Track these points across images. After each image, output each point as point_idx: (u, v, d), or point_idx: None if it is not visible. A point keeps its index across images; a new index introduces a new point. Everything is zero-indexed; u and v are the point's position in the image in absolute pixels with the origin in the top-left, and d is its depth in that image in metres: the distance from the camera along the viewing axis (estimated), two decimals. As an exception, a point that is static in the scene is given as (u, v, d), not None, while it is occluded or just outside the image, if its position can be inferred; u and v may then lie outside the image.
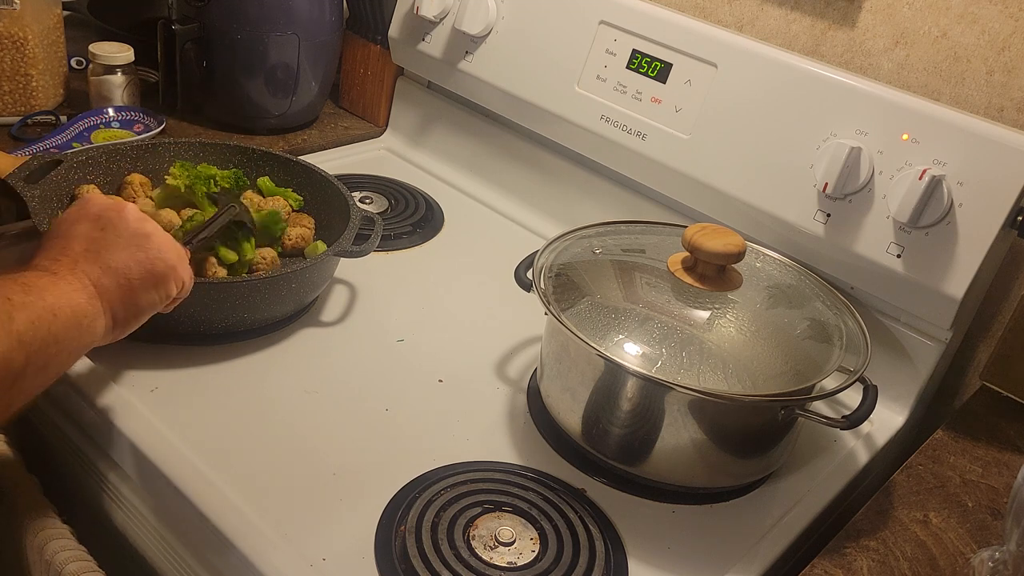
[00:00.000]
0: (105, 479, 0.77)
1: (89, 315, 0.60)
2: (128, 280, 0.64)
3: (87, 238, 0.64)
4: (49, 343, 0.55)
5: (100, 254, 0.63)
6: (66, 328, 0.57)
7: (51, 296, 0.57)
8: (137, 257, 0.65)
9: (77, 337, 0.59)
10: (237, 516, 0.66)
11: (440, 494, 0.70)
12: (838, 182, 0.82)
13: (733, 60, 0.90)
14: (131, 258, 0.64)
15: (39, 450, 0.83)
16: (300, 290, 0.84)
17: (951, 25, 0.87)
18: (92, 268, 0.62)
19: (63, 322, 0.57)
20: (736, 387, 0.69)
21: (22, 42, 1.08)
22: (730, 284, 0.77)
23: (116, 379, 0.76)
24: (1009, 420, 0.83)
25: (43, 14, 1.11)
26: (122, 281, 0.63)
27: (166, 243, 0.68)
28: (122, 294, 0.63)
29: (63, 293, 0.58)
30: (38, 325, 0.54)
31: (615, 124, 0.98)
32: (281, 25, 1.12)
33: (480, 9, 1.06)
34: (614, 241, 0.86)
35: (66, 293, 0.58)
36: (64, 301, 0.58)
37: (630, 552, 0.69)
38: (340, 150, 1.23)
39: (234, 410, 0.76)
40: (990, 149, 0.77)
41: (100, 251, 0.63)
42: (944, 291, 0.80)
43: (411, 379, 0.83)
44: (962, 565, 0.67)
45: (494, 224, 1.12)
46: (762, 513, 0.75)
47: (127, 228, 0.66)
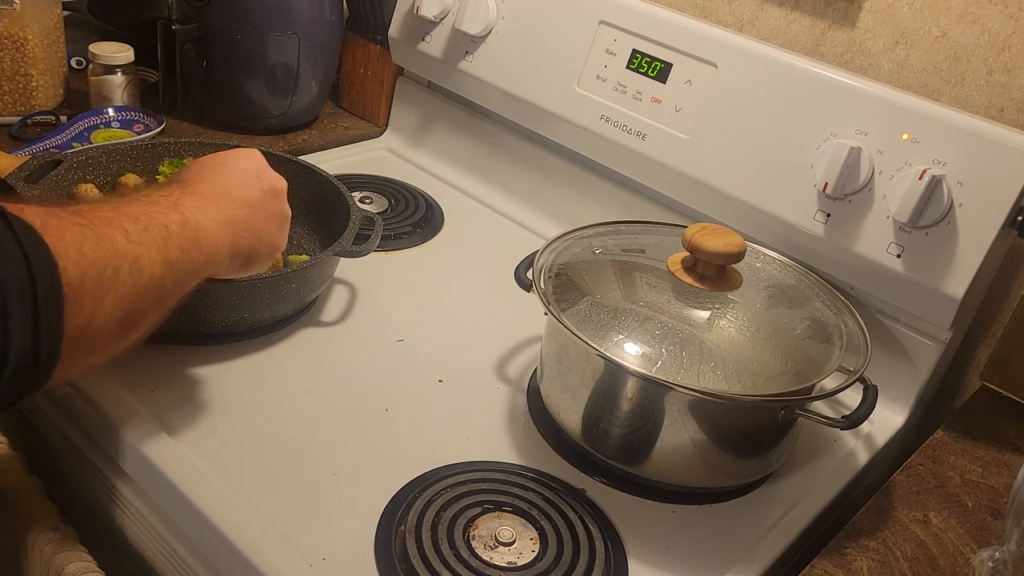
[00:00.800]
0: (106, 480, 0.77)
1: (223, 255, 0.64)
2: (259, 243, 0.69)
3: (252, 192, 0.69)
4: (191, 272, 0.60)
5: (255, 211, 0.69)
6: (205, 260, 0.62)
7: (203, 231, 0.61)
8: (273, 231, 0.71)
9: (207, 268, 0.63)
10: (237, 516, 0.66)
11: (440, 494, 0.70)
12: (838, 182, 0.82)
13: (733, 60, 0.90)
14: (269, 229, 0.71)
15: (40, 451, 0.83)
16: (300, 290, 0.84)
17: (951, 25, 0.87)
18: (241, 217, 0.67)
19: (204, 256, 0.61)
20: (736, 387, 0.69)
21: (22, 42, 1.08)
22: (730, 284, 0.77)
23: (116, 379, 0.76)
24: (1009, 420, 0.83)
25: (43, 14, 1.11)
26: (255, 242, 0.69)
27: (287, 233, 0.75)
28: (248, 251, 0.68)
29: (211, 231, 0.62)
30: (186, 255, 0.59)
31: (615, 124, 0.98)
32: (281, 25, 1.12)
33: (480, 9, 1.06)
34: (614, 241, 0.86)
35: (214, 231, 0.63)
36: (210, 238, 0.62)
37: (630, 552, 0.69)
38: (340, 150, 1.23)
39: (234, 410, 0.76)
40: (990, 149, 0.77)
41: (256, 209, 0.69)
42: (944, 291, 0.80)
43: (411, 379, 0.83)
44: (962, 565, 0.67)
45: (494, 224, 1.12)
46: (762, 513, 0.75)
47: (278, 205, 0.72)
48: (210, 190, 0.66)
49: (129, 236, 0.53)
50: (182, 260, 0.58)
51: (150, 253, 0.55)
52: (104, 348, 0.53)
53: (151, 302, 0.55)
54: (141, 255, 0.54)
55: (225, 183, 0.68)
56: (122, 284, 0.52)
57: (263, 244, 0.70)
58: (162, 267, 0.56)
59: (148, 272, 0.54)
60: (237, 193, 0.68)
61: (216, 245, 0.63)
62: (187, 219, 0.60)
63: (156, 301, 0.56)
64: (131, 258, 0.53)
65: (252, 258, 0.69)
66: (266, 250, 0.70)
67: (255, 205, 0.69)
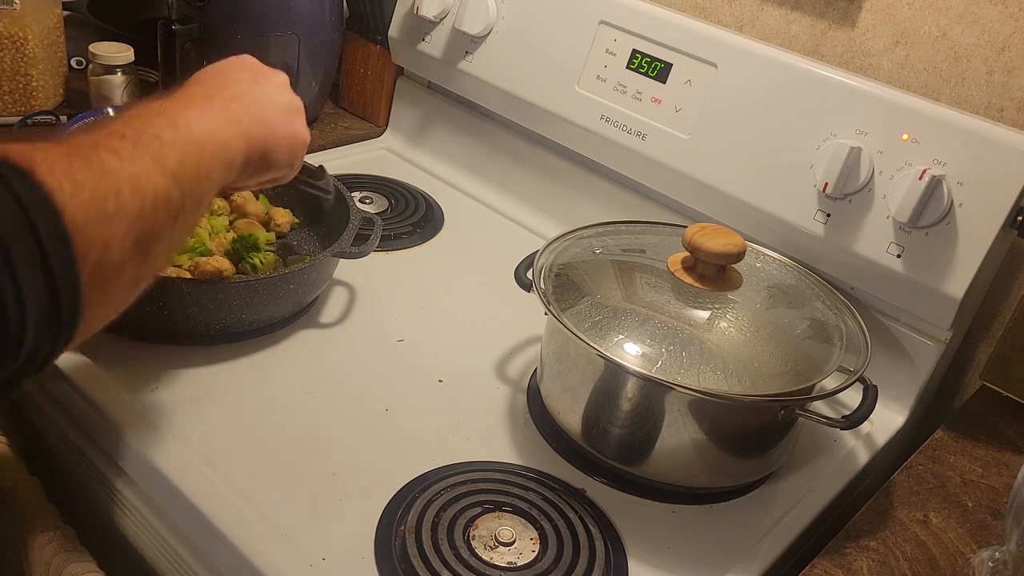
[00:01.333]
0: (106, 480, 0.77)
1: (232, 151, 0.60)
2: (274, 135, 0.65)
3: (247, 84, 0.65)
4: (200, 177, 0.55)
5: (257, 102, 0.64)
6: (212, 162, 0.57)
7: (198, 129, 0.56)
8: (287, 120, 0.67)
9: (220, 172, 0.59)
10: (237, 516, 0.66)
11: (440, 494, 0.70)
12: (838, 182, 0.82)
13: (733, 60, 0.90)
14: (282, 119, 0.66)
15: (40, 452, 0.83)
16: (299, 291, 0.84)
17: (951, 25, 0.87)
18: (243, 111, 0.62)
19: (210, 157, 0.57)
20: (736, 387, 0.69)
21: (22, 42, 1.08)
22: (730, 284, 0.77)
23: (116, 379, 0.76)
24: (1009, 420, 0.83)
25: (43, 14, 1.11)
26: (267, 133, 0.64)
27: (305, 123, 0.70)
28: (264, 144, 0.64)
29: (210, 128, 0.58)
30: (187, 160, 0.54)
31: (615, 124, 0.98)
32: (281, 25, 1.12)
33: (480, 9, 1.06)
34: (614, 241, 0.86)
35: (213, 129, 0.58)
36: (210, 136, 0.57)
37: (630, 552, 0.69)
38: (340, 150, 1.23)
39: (234, 410, 0.76)
40: (990, 149, 0.77)
41: (257, 100, 0.64)
42: (944, 291, 0.80)
43: (411, 379, 0.83)
44: (962, 565, 0.67)
45: (494, 224, 1.12)
46: (762, 513, 0.75)
47: (284, 95, 0.68)
48: (201, 91, 0.62)
49: (120, 155, 0.49)
50: (184, 167, 0.54)
51: (147, 168, 0.50)
52: (127, 281, 0.50)
53: (163, 220, 0.51)
54: (138, 172, 0.50)
55: (216, 82, 0.63)
56: (127, 207, 0.48)
57: (279, 135, 0.65)
58: (164, 180, 0.51)
59: (151, 188, 0.50)
60: (233, 88, 0.63)
61: (220, 143, 0.58)
62: (177, 122, 0.55)
63: (168, 218, 0.52)
64: (128, 178, 0.49)
65: (270, 152, 0.65)
66: (284, 142, 0.66)
67: (256, 96, 0.64)
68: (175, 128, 0.55)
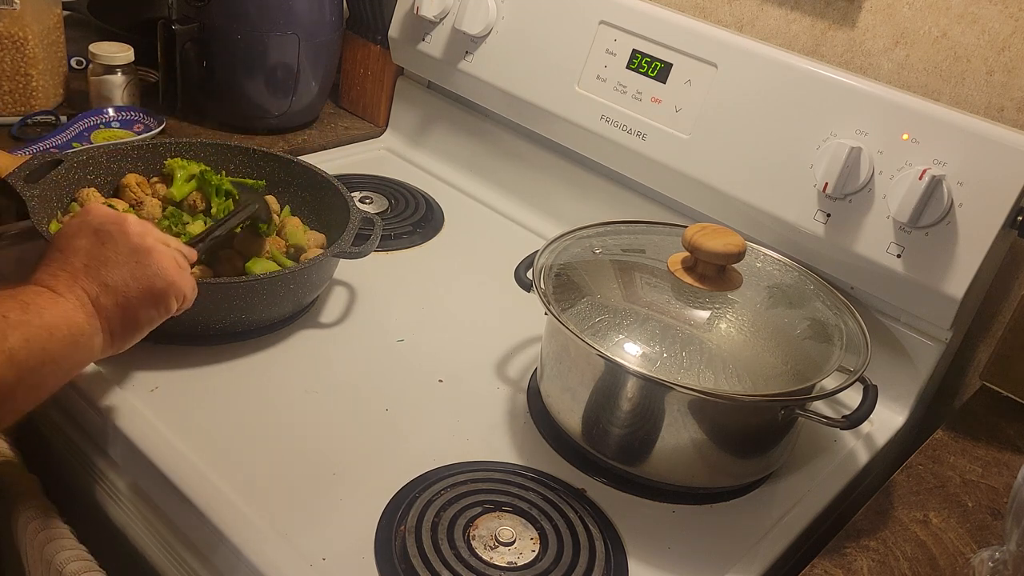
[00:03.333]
0: (105, 479, 0.77)
1: (87, 333, 0.60)
2: (127, 298, 0.64)
3: (87, 253, 0.64)
4: (45, 361, 0.55)
5: (100, 270, 0.63)
6: (63, 346, 0.57)
7: (49, 315, 0.57)
8: (136, 274, 0.65)
9: (73, 355, 0.59)
10: (237, 516, 0.66)
11: (440, 494, 0.70)
12: (838, 182, 0.82)
13: (733, 60, 0.90)
14: (130, 275, 0.64)
15: (39, 450, 0.83)
16: (299, 291, 0.84)
17: (951, 25, 0.87)
18: (91, 285, 0.62)
19: (60, 340, 0.57)
20: (736, 387, 0.69)
21: (22, 42, 1.08)
22: (730, 284, 0.77)
23: (116, 379, 0.76)
24: (1009, 420, 0.83)
25: (43, 14, 1.11)
26: (120, 299, 0.63)
27: (166, 258, 0.67)
28: (121, 312, 0.64)
29: (62, 312, 0.58)
30: (33, 343, 0.54)
31: (615, 124, 0.98)
32: (281, 25, 1.12)
33: (480, 9, 1.06)
34: (614, 241, 0.86)
35: (65, 311, 0.58)
36: (62, 320, 0.58)
37: (630, 552, 0.69)
38: (340, 150, 1.23)
39: (234, 410, 0.76)
40: (990, 149, 0.77)
41: (100, 267, 0.63)
42: (944, 291, 0.80)
43: (411, 379, 0.83)
44: (962, 565, 0.67)
45: (494, 224, 1.12)
46: (762, 513, 0.75)
47: (128, 243, 0.66)
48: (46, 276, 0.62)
49: None
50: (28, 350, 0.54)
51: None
52: None
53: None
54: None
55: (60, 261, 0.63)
56: None
57: (132, 294, 0.64)
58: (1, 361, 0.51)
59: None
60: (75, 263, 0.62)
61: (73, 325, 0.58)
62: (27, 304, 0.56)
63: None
64: None
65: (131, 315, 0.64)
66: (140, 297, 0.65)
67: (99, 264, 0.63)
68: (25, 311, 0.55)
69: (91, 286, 0.62)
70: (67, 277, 0.61)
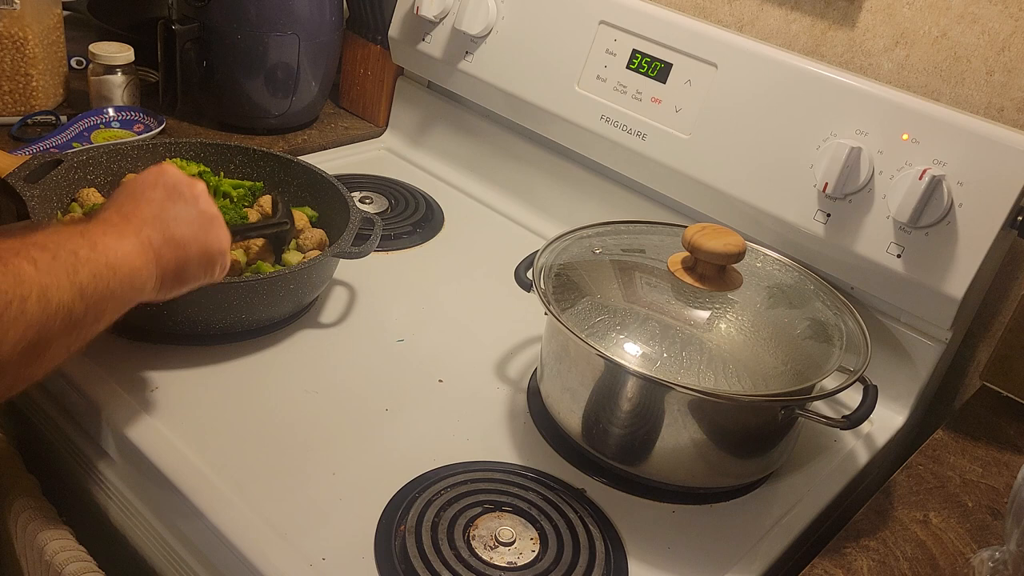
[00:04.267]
0: (105, 479, 0.77)
1: (143, 276, 0.63)
2: (186, 253, 0.68)
3: (160, 205, 0.67)
4: (106, 297, 0.59)
5: (168, 224, 0.67)
6: (122, 285, 0.60)
7: (113, 255, 0.60)
8: (199, 236, 0.69)
9: (129, 293, 0.62)
10: (237, 516, 0.66)
11: (440, 494, 0.70)
12: (838, 182, 0.82)
13: (733, 60, 0.90)
14: (193, 235, 0.68)
15: (39, 450, 0.83)
16: (298, 291, 0.84)
17: (951, 25, 0.87)
18: (156, 234, 0.65)
19: (120, 279, 0.60)
20: (736, 387, 0.69)
21: (22, 42, 1.08)
22: (730, 284, 0.77)
23: (116, 379, 0.76)
24: (1009, 420, 0.83)
25: (43, 14, 1.11)
26: (180, 253, 0.67)
27: (225, 229, 0.72)
28: (176, 265, 0.67)
29: (125, 253, 0.61)
30: (99, 279, 0.57)
31: (615, 124, 0.98)
32: (281, 25, 1.12)
33: (480, 9, 1.06)
34: (614, 241, 0.86)
35: (127, 253, 0.62)
36: (124, 261, 0.61)
37: (630, 552, 0.69)
38: (340, 150, 1.23)
39: (234, 410, 0.76)
40: (990, 149, 0.77)
41: (168, 221, 0.67)
42: (944, 291, 0.80)
43: (411, 379, 0.83)
44: (962, 565, 0.67)
45: (494, 224, 1.12)
46: (762, 513, 0.75)
47: (197, 206, 0.70)
48: (116, 216, 0.65)
49: (37, 265, 0.53)
50: (95, 286, 0.57)
51: (59, 281, 0.54)
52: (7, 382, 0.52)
53: (59, 330, 0.54)
54: (49, 284, 0.53)
55: (131, 205, 0.66)
56: (29, 314, 0.51)
57: (191, 253, 0.68)
58: (71, 294, 0.55)
59: (56, 300, 0.53)
60: (145, 212, 0.66)
61: (132, 268, 0.62)
62: (95, 243, 0.59)
63: (65, 329, 0.55)
64: (39, 287, 0.52)
65: (184, 270, 0.68)
66: (197, 257, 0.69)
67: (169, 217, 0.67)
68: (93, 249, 0.58)
69: (156, 235, 0.65)
70: (137, 222, 0.65)
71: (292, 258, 0.88)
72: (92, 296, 0.57)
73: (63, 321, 0.54)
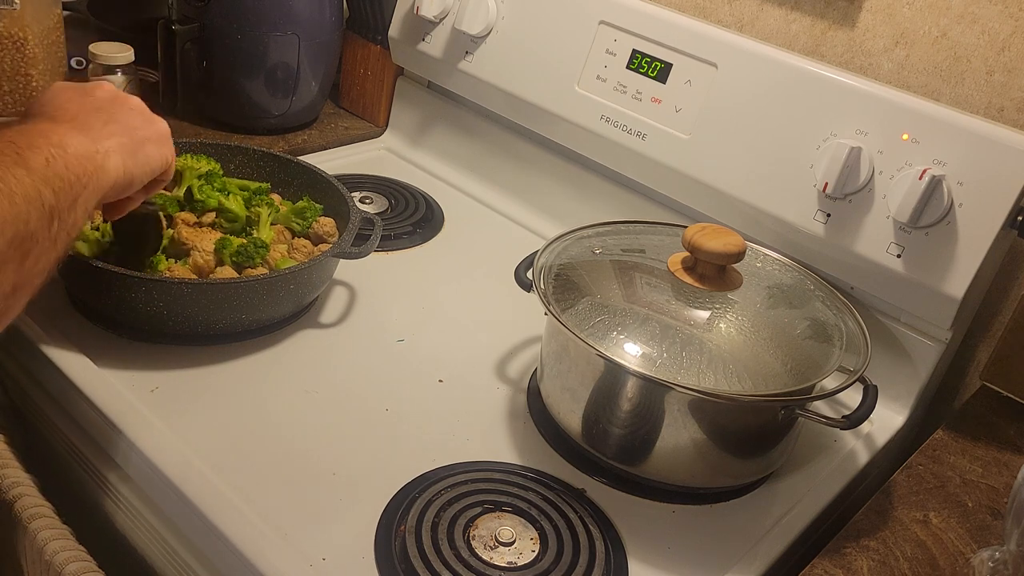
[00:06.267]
0: (105, 479, 0.77)
1: (100, 152, 0.61)
2: (133, 131, 0.66)
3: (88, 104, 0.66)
4: (68, 179, 0.56)
5: (101, 111, 0.65)
6: (80, 162, 0.58)
7: (56, 135, 0.58)
8: (142, 117, 0.69)
9: (94, 173, 0.59)
10: (237, 516, 0.66)
11: (440, 494, 0.70)
12: (838, 182, 0.82)
13: (733, 60, 0.90)
14: (135, 118, 0.68)
15: (38, 450, 0.83)
16: (298, 291, 0.84)
17: (951, 25, 0.87)
18: (95, 119, 0.64)
19: (75, 157, 0.58)
20: (736, 387, 0.69)
21: (22, 42, 1.08)
22: (730, 284, 0.77)
23: (116, 379, 0.76)
24: (1009, 420, 0.83)
25: (43, 14, 1.11)
26: (127, 130, 0.66)
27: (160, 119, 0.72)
28: (130, 141, 0.65)
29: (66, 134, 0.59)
30: (53, 162, 0.55)
31: (615, 124, 0.98)
32: (281, 25, 1.12)
33: (480, 9, 1.06)
34: (614, 241, 0.86)
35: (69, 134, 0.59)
36: (71, 139, 0.58)
37: (630, 552, 0.69)
38: (340, 150, 1.23)
39: (234, 410, 0.76)
40: (990, 149, 0.77)
41: (102, 109, 0.65)
42: (944, 291, 0.80)
43: (411, 379, 0.83)
44: (962, 565, 0.67)
45: (494, 224, 1.12)
46: (762, 513, 0.75)
47: (129, 102, 0.69)
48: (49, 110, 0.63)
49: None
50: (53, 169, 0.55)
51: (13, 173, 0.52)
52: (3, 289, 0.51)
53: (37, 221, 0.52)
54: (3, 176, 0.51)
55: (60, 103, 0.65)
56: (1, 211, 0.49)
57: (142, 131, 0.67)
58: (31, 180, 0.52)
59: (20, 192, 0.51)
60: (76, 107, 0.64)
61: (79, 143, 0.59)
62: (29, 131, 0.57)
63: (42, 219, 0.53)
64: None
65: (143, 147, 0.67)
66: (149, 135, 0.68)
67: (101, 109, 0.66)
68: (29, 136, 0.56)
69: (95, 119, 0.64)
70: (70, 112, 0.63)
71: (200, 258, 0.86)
72: (54, 179, 0.55)
73: (37, 212, 0.52)
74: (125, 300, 0.77)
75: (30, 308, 0.81)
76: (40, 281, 0.55)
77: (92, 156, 0.60)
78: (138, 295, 0.76)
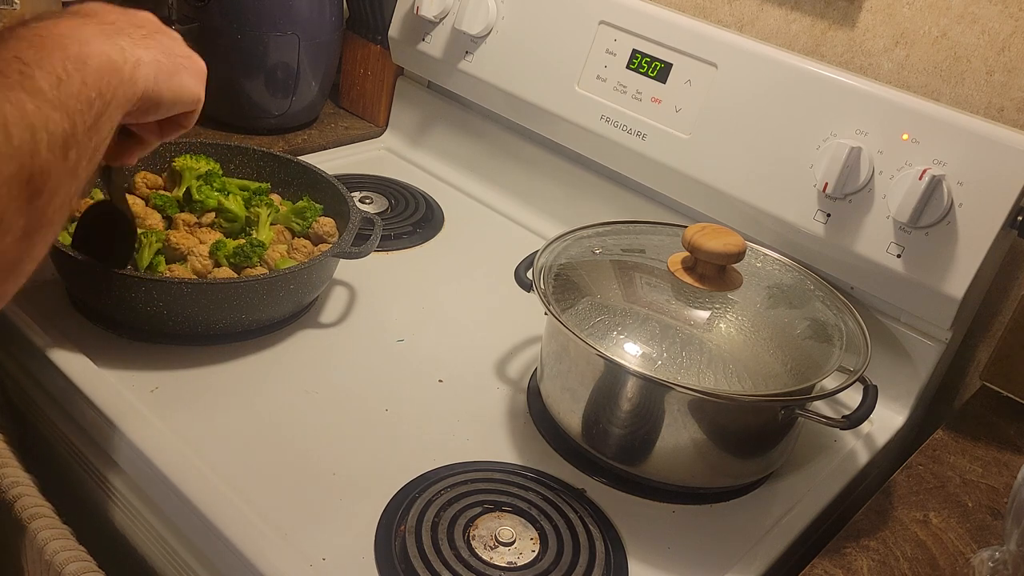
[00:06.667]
0: (105, 479, 0.77)
1: (129, 61, 0.51)
2: (173, 55, 0.58)
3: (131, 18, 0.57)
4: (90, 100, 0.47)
5: (143, 27, 0.56)
6: (101, 75, 0.48)
7: (75, 44, 0.47)
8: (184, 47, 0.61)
9: (119, 86, 0.50)
10: (237, 516, 0.66)
11: (440, 494, 0.70)
12: (838, 182, 0.82)
13: (733, 60, 0.90)
14: (177, 45, 0.60)
15: (38, 449, 0.83)
16: (298, 291, 0.84)
17: (951, 25, 0.87)
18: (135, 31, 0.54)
19: (96, 70, 0.48)
20: (736, 387, 0.69)
21: (22, 42, 1.08)
22: (730, 284, 0.77)
23: (116, 379, 0.76)
24: (1009, 420, 0.83)
25: (43, 14, 1.11)
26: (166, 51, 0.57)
27: None
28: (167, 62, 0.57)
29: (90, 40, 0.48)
30: (66, 80, 0.46)
31: (615, 124, 0.98)
32: (281, 25, 1.12)
33: (480, 9, 1.06)
34: (614, 241, 0.86)
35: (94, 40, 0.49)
36: (94, 48, 0.48)
37: (630, 552, 0.69)
38: (340, 150, 1.23)
39: (234, 410, 0.76)
40: (990, 149, 0.77)
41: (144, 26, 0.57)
42: (944, 291, 0.80)
43: (411, 379, 0.83)
44: (962, 565, 0.67)
45: (494, 224, 1.12)
46: (762, 513, 0.75)
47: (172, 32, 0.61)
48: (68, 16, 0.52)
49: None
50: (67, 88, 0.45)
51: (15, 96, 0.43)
52: (16, 234, 0.43)
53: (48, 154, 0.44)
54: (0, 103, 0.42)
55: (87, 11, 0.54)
56: None
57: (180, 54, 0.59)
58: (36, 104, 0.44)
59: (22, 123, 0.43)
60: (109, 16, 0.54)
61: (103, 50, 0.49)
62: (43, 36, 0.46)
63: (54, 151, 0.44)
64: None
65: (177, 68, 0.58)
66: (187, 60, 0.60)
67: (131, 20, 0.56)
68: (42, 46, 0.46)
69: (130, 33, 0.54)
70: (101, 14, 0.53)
71: None
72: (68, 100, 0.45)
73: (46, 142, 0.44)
74: (125, 300, 0.77)
75: (30, 308, 0.81)
76: (62, 219, 0.46)
77: (119, 68, 0.50)
78: (138, 295, 0.76)
